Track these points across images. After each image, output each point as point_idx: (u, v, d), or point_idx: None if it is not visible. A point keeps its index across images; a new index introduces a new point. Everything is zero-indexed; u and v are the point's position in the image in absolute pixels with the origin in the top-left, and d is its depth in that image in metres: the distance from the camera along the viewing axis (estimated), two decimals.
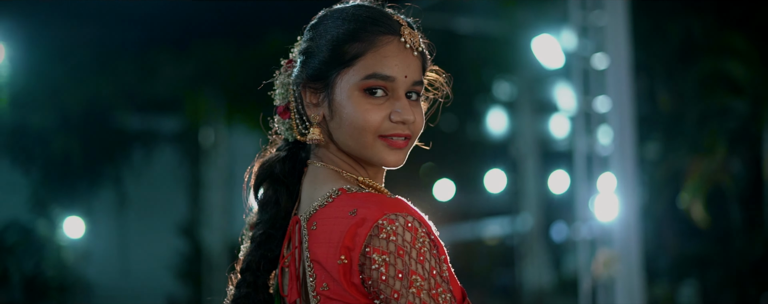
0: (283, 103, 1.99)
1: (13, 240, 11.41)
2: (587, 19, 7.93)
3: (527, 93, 12.60)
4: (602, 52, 7.79)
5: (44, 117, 11.42)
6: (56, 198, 11.82)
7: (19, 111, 11.31)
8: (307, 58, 1.94)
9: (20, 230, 11.47)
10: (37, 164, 11.74)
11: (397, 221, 1.74)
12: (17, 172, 11.61)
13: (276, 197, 1.98)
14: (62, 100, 11.36)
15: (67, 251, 11.69)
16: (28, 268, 11.40)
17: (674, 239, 9.99)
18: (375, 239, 1.72)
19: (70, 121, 11.61)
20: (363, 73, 1.86)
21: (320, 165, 1.94)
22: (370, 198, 1.80)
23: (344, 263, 1.74)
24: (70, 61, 11.34)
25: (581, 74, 7.97)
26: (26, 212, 11.56)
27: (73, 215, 11.86)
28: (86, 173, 12.01)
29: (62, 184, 11.86)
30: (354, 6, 1.94)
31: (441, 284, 1.72)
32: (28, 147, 11.62)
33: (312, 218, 1.83)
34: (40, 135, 11.53)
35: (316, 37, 1.94)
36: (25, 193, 11.59)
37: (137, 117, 12.63)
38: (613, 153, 7.64)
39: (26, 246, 11.42)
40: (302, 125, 1.97)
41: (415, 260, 1.71)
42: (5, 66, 10.84)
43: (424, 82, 1.97)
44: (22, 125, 11.43)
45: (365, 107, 1.86)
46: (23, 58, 10.94)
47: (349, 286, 1.75)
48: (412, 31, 1.93)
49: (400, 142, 1.90)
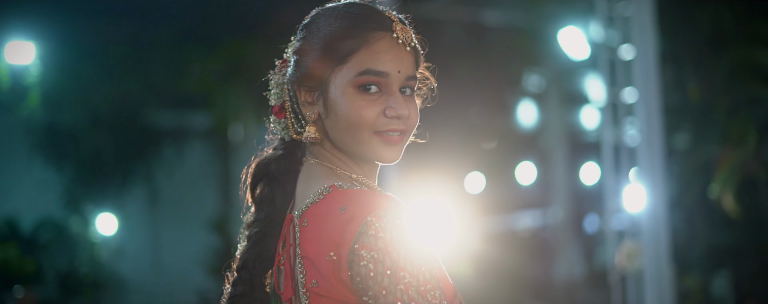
0: (279, 103, 2.00)
1: (47, 238, 11.53)
2: (614, 9, 7.88)
3: (555, 85, 12.55)
4: (629, 43, 7.74)
5: (75, 115, 11.54)
6: (89, 195, 11.94)
7: (51, 110, 11.43)
8: (300, 57, 1.94)
9: (54, 228, 11.59)
10: (70, 162, 11.86)
11: (386, 217, 1.73)
12: (50, 170, 11.74)
13: (272, 195, 1.99)
14: (93, 99, 11.47)
15: (100, 248, 11.80)
16: (62, 265, 11.53)
17: (705, 230, 9.89)
18: (364, 236, 1.72)
19: (101, 119, 11.72)
20: (356, 70, 1.86)
21: (315, 162, 1.95)
22: (360, 195, 1.80)
23: (333, 260, 1.74)
24: (100, 60, 11.45)
25: (608, 65, 7.92)
26: (59, 210, 11.69)
27: (106, 211, 11.96)
28: (118, 170, 12.10)
29: (94, 181, 11.97)
30: (345, 4, 1.95)
31: (430, 281, 1.72)
32: (60, 145, 11.74)
33: (304, 215, 1.83)
34: (71, 133, 11.64)
35: (308, 35, 1.94)
36: (58, 191, 11.72)
37: (168, 114, 12.70)
38: (641, 144, 7.59)
39: (60, 243, 11.53)
40: (298, 124, 1.97)
41: (404, 256, 1.71)
42: (36, 65, 10.94)
43: (417, 77, 1.97)
44: (53, 124, 11.55)
45: (360, 104, 1.87)
46: (53, 57, 11.05)
47: (338, 282, 1.75)
48: (404, 27, 1.93)
49: (395, 138, 1.90)
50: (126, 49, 11.51)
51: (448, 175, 11.78)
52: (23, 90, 11.11)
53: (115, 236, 12.02)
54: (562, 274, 12.31)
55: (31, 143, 11.66)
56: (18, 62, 10.80)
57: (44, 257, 11.35)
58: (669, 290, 7.36)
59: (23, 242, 11.21)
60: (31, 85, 11.11)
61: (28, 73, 11.01)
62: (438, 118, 11.62)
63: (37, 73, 11.06)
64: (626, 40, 7.79)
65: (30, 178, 11.61)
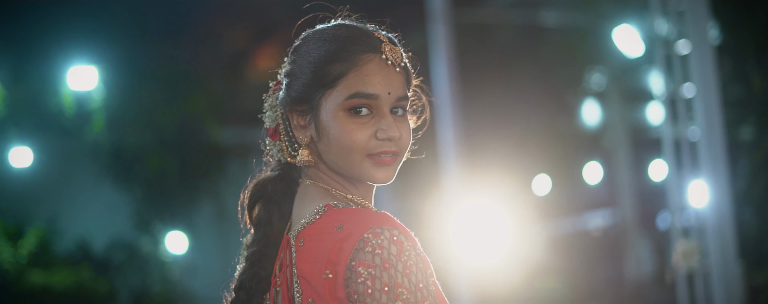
0: (273, 126, 2.01)
1: (120, 259, 11.71)
2: (668, 4, 7.77)
3: (616, 83, 12.42)
4: (685, 38, 7.63)
5: (140, 137, 11.71)
6: (158, 215, 12.10)
7: (116, 133, 11.61)
8: (291, 81, 1.95)
9: (125, 248, 11.77)
10: (138, 183, 12.04)
11: (383, 234, 1.74)
12: (119, 192, 11.92)
13: (269, 216, 2.00)
14: (156, 119, 11.62)
15: (171, 266, 11.94)
16: (135, 285, 11.69)
17: None
18: (360, 253, 1.73)
19: (166, 139, 11.87)
20: (346, 93, 1.86)
21: (310, 183, 1.95)
22: (355, 213, 1.81)
23: (329, 278, 1.75)
24: (161, 80, 11.60)
25: (665, 61, 7.82)
26: (130, 230, 11.85)
27: (175, 230, 12.10)
28: (185, 189, 12.24)
29: (163, 201, 12.12)
30: (334, 26, 1.95)
31: (427, 297, 1.72)
32: (127, 167, 11.91)
33: (300, 235, 1.84)
34: (137, 155, 11.81)
35: (298, 59, 1.95)
36: (127, 212, 11.89)
37: (229, 130, 12.80)
38: (702, 139, 7.47)
39: (132, 263, 11.71)
40: (291, 147, 1.98)
41: (402, 273, 1.71)
42: (99, 89, 11.14)
43: (409, 97, 1.95)
44: (119, 146, 11.74)
45: (351, 127, 1.87)
46: (116, 80, 11.24)
47: (334, 300, 1.75)
48: (394, 47, 1.92)
49: (387, 160, 1.89)
50: (184, 69, 11.66)
51: (515, 179, 11.74)
52: (87, 115, 11.33)
53: (186, 254, 12.16)
54: (632, 273, 12.17)
55: (98, 167, 11.85)
56: (81, 88, 11.01)
57: (117, 278, 11.54)
58: (738, 287, 7.22)
59: (96, 264, 11.42)
60: (95, 109, 11.32)
61: (91, 99, 11.22)
62: (501, 122, 11.61)
63: (100, 98, 11.26)
64: (682, 34, 7.69)
65: (100, 201, 11.81)
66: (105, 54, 10.89)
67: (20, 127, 11.19)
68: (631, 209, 12.34)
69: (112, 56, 10.96)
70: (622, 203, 12.52)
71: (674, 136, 7.68)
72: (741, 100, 9.48)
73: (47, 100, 11.16)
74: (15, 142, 11.15)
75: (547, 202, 12.92)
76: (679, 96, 7.72)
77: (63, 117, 11.23)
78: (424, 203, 10.94)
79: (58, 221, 11.49)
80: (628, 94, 12.63)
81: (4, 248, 10.95)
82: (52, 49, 10.72)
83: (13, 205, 11.38)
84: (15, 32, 10.62)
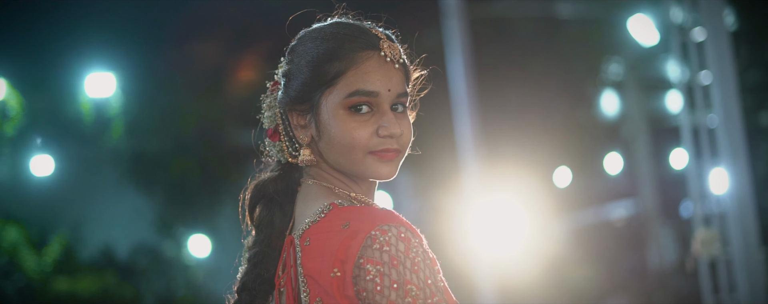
0: (272, 126, 2.02)
1: (143, 263, 11.75)
2: None
3: (633, 72, 12.37)
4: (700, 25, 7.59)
5: (160, 141, 11.74)
6: (180, 219, 12.13)
7: (136, 138, 11.65)
8: (289, 81, 1.95)
9: (149, 253, 11.81)
10: (159, 187, 12.07)
11: (390, 231, 1.74)
12: (141, 197, 11.95)
13: (270, 217, 2.00)
14: (175, 124, 11.64)
15: (195, 270, 11.97)
16: (160, 289, 11.73)
17: None
18: (368, 250, 1.73)
19: (185, 143, 11.90)
20: (346, 92, 1.87)
21: (312, 182, 1.95)
22: (361, 211, 1.81)
23: (337, 276, 1.75)
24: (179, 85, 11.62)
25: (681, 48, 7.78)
26: (153, 235, 11.89)
27: (198, 233, 12.13)
28: (206, 192, 12.25)
29: (185, 205, 12.15)
30: (331, 24, 1.94)
31: (436, 293, 1.72)
32: (148, 172, 11.95)
33: (305, 234, 1.84)
34: (158, 159, 11.84)
35: (296, 58, 1.94)
36: (150, 217, 11.93)
37: (248, 133, 12.80)
38: (720, 125, 7.44)
39: (156, 268, 11.75)
40: (292, 147, 1.98)
41: (410, 269, 1.72)
42: (117, 96, 11.18)
43: (408, 93, 1.95)
44: (139, 152, 11.78)
45: (351, 125, 1.87)
46: (134, 86, 11.27)
47: (343, 298, 1.75)
48: (392, 44, 1.92)
49: (390, 155, 1.90)
50: (201, 72, 11.68)
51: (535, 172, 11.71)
52: (107, 122, 11.37)
53: (209, 256, 12.18)
54: (655, 263, 12.12)
55: (120, 172, 11.89)
56: (99, 95, 11.06)
57: (142, 283, 11.58)
58: (761, 273, 7.18)
59: (120, 269, 11.47)
60: (114, 116, 11.36)
61: (109, 105, 11.26)
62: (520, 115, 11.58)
63: (119, 104, 11.30)
64: (697, 21, 7.65)
65: (122, 206, 11.84)
66: (122, 60, 10.92)
67: (41, 136, 11.25)
68: (652, 199, 12.29)
69: (129, 62, 10.99)
70: (644, 192, 12.47)
71: (692, 124, 7.65)
72: (759, 85, 9.43)
73: (66, 108, 11.22)
74: (36, 151, 11.20)
75: (568, 194, 12.86)
76: (697, 83, 7.68)
77: (82, 124, 11.28)
78: (444, 199, 10.93)
79: (82, 227, 11.54)
80: (645, 84, 12.57)
81: (28, 256, 11.01)
82: (69, 56, 10.76)
83: (36, 213, 11.42)
84: (31, 41, 10.66)
